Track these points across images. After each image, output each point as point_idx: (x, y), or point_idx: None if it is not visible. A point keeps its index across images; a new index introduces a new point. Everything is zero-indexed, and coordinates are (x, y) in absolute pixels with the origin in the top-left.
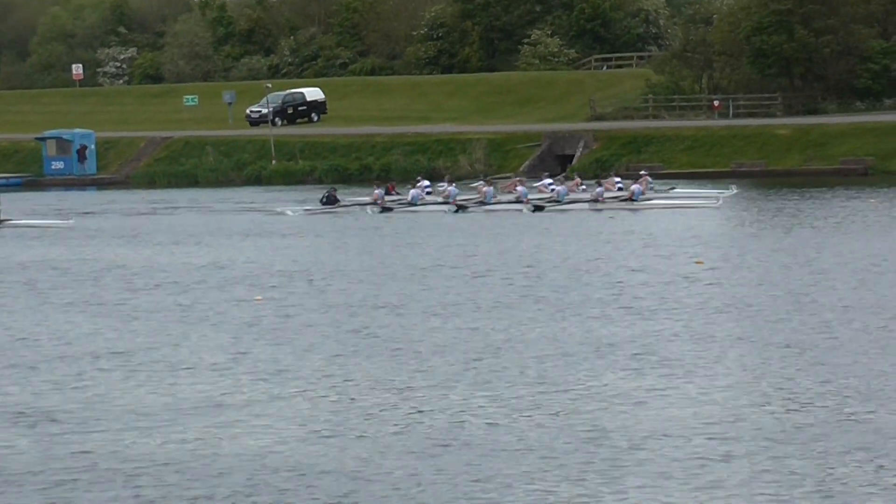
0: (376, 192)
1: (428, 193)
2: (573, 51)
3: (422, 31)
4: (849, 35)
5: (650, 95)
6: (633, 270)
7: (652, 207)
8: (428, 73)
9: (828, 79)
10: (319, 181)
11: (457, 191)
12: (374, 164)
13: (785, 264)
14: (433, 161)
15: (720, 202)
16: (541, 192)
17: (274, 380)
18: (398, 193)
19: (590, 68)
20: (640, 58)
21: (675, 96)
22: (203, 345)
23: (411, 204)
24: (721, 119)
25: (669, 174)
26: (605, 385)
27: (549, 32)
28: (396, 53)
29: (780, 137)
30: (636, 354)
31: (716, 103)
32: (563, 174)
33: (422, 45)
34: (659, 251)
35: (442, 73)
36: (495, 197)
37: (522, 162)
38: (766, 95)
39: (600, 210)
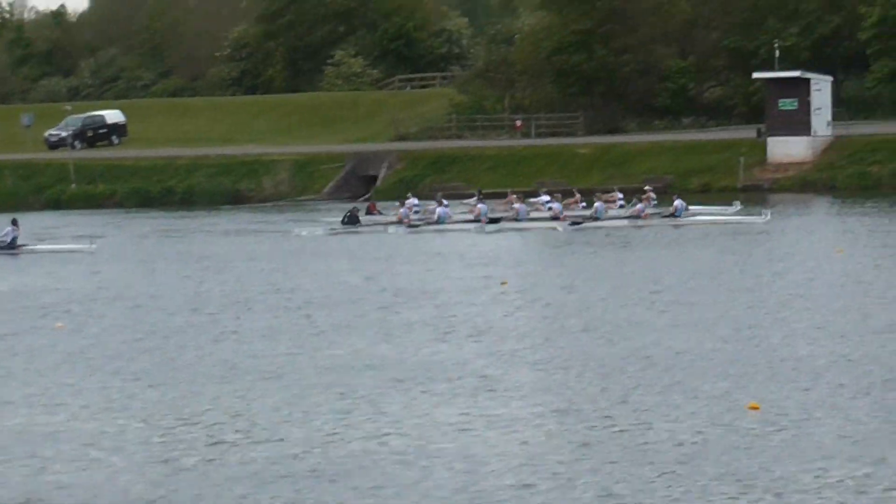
0: (401, 210)
1: (416, 213)
2: (377, 71)
3: (225, 52)
4: (647, 54)
5: (454, 115)
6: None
7: (695, 224)
8: (231, 94)
9: (628, 98)
10: (121, 205)
11: (487, 207)
12: (177, 186)
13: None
14: (237, 183)
15: (768, 217)
16: (538, 210)
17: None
18: (380, 213)
19: (393, 88)
20: (444, 77)
21: (479, 116)
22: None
23: (438, 222)
24: (523, 138)
25: (472, 194)
26: (418, 409)
27: (353, 52)
28: (199, 74)
29: (582, 156)
30: (453, 378)
31: (518, 123)
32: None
33: (225, 66)
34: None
35: (245, 93)
36: (528, 213)
37: (327, 183)
38: (568, 115)
39: (640, 227)
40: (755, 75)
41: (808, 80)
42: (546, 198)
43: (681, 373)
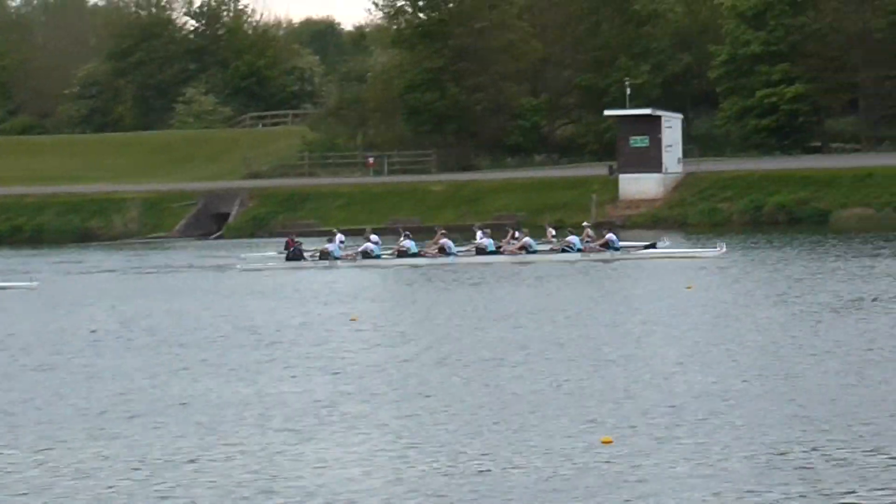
0: (403, 242)
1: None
2: (228, 108)
3: (74, 90)
4: (500, 92)
5: (306, 153)
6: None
7: (640, 258)
8: (81, 132)
9: (480, 135)
10: None
11: (413, 244)
12: (25, 224)
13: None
14: (87, 221)
15: (723, 249)
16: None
17: None
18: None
19: (245, 126)
20: (296, 115)
21: (331, 153)
22: None
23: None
24: (376, 176)
25: (326, 231)
26: (266, 445)
27: (204, 90)
28: (48, 112)
29: (435, 193)
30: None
31: (370, 160)
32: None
33: (74, 104)
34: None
35: (95, 131)
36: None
37: (178, 221)
38: (421, 152)
39: (574, 262)
40: (607, 113)
41: (658, 118)
42: (553, 230)
43: (536, 407)
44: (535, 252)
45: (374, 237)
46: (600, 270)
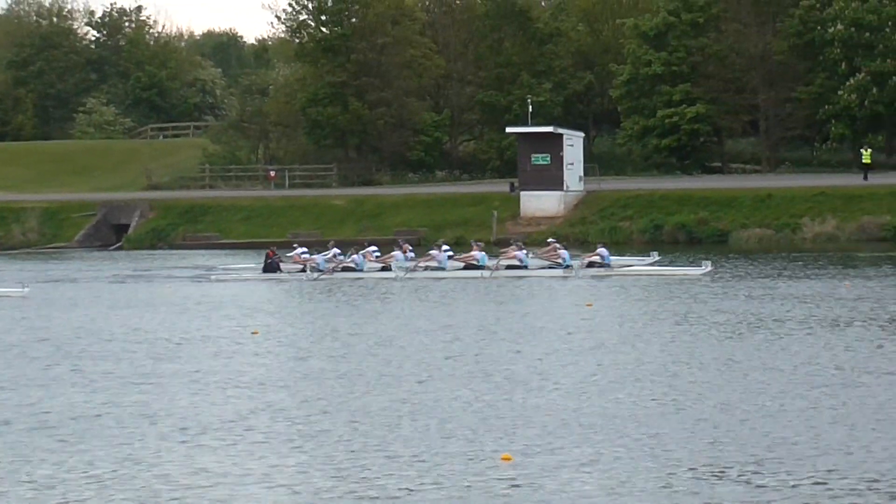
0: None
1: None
2: (129, 119)
3: None
4: (402, 108)
5: (207, 165)
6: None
7: (626, 275)
8: None
9: (382, 150)
10: None
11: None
12: None
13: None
14: None
15: (708, 268)
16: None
17: None
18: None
19: (146, 137)
20: (197, 127)
21: (232, 166)
22: None
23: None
24: (277, 189)
25: (227, 244)
26: (174, 457)
27: (105, 101)
28: None
29: (336, 208)
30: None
31: (271, 173)
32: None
33: None
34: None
35: None
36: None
37: (77, 231)
38: (322, 166)
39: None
40: (509, 130)
41: (560, 136)
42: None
43: (436, 423)
44: (524, 267)
45: (372, 248)
46: (509, 288)
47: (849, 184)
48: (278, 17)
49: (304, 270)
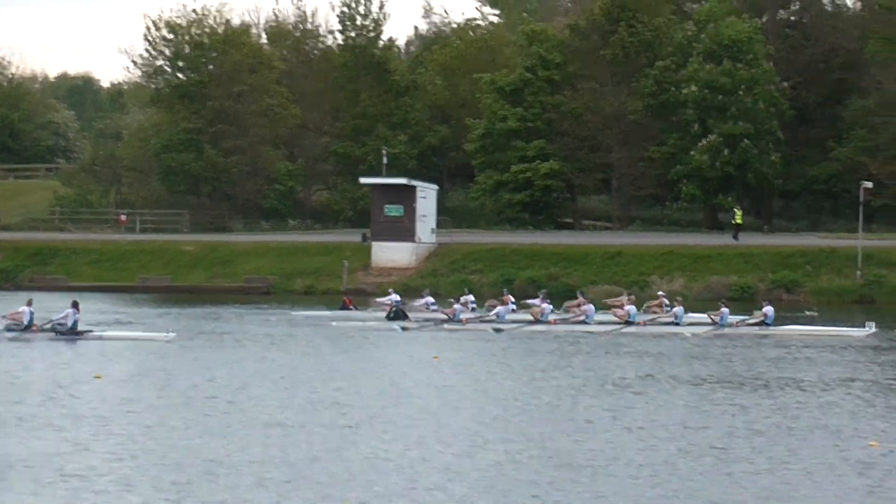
0: (455, 306)
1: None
2: None
3: None
4: (256, 156)
5: (57, 207)
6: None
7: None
8: None
9: (236, 198)
10: None
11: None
12: None
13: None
14: None
15: (871, 330)
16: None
17: None
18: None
19: None
20: (49, 169)
21: (83, 209)
22: None
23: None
24: (128, 233)
25: (75, 287)
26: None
27: None
28: None
29: (187, 253)
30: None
31: (122, 217)
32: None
33: None
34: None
35: None
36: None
37: None
38: (174, 211)
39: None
40: (362, 180)
41: (414, 188)
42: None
43: (277, 471)
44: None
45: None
46: (389, 338)
47: (698, 243)
48: (134, 62)
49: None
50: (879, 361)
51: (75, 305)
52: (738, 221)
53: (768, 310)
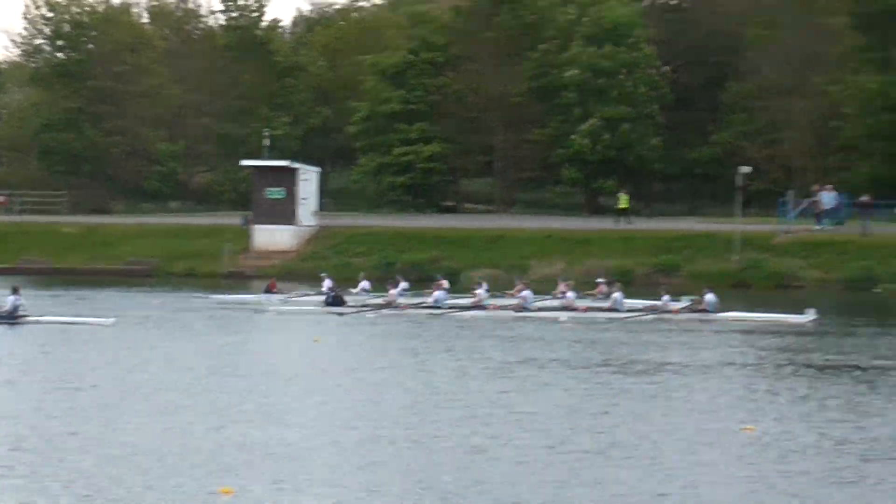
0: (392, 291)
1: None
2: None
3: None
4: (137, 137)
5: None
6: None
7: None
8: None
9: (116, 179)
10: None
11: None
12: None
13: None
14: None
15: (812, 317)
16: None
17: None
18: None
19: None
20: None
21: None
22: None
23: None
24: (7, 214)
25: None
26: None
27: None
28: None
29: (67, 235)
30: None
31: (1, 198)
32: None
33: None
34: None
35: None
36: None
37: None
38: (53, 192)
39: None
40: (244, 163)
41: (295, 170)
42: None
43: (154, 458)
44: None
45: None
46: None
47: (578, 227)
48: (13, 41)
49: None
50: (796, 347)
51: (16, 291)
52: (624, 206)
53: (710, 297)
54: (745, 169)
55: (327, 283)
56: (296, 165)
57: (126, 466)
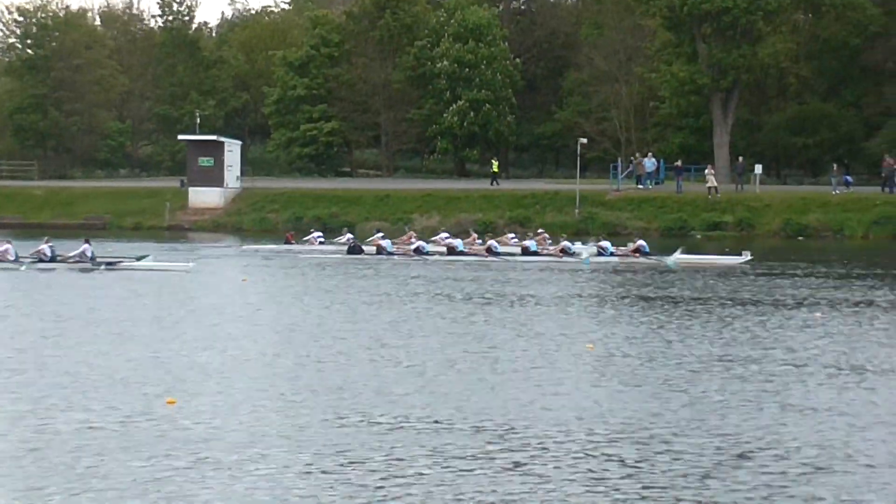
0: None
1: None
2: None
3: None
4: (92, 117)
5: None
6: None
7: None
8: None
9: (75, 151)
10: None
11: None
12: None
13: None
14: None
15: (747, 258)
16: (439, 244)
17: None
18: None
19: None
20: None
21: None
22: None
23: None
24: None
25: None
26: None
27: None
28: None
29: (36, 197)
30: None
31: None
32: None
33: None
34: None
35: None
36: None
37: None
38: (25, 162)
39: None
40: (180, 137)
41: (222, 143)
42: (445, 234)
43: (110, 380)
44: (498, 254)
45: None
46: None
47: (450, 187)
48: None
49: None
50: (696, 285)
51: (87, 241)
52: (495, 170)
53: (641, 243)
54: (583, 141)
55: (348, 236)
56: (222, 139)
57: (68, 381)
